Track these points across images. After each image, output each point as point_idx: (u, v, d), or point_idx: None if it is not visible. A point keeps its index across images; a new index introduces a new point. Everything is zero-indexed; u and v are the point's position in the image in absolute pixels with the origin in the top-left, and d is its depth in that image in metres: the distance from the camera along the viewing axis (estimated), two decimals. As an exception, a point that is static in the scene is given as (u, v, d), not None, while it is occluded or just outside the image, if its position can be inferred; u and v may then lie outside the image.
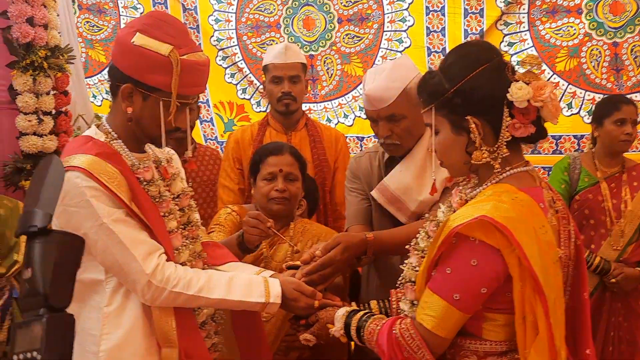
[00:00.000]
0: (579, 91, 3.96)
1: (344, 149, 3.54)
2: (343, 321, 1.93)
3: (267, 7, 4.33)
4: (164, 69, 1.85)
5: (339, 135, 3.58)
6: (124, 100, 1.92)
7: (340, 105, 4.33)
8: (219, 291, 1.95)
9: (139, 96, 1.91)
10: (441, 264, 1.65)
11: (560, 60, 3.97)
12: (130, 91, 1.91)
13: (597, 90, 3.93)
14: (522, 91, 1.62)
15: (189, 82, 1.89)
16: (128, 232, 1.85)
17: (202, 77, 1.96)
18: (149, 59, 1.86)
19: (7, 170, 3.42)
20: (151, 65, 1.86)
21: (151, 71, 1.86)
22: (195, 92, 1.99)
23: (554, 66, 3.98)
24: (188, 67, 1.87)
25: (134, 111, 1.92)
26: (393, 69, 2.35)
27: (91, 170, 1.82)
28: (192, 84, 1.92)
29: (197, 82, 1.95)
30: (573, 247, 1.78)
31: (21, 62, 3.39)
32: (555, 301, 1.59)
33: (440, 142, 1.75)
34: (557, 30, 3.95)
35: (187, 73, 1.87)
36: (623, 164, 3.42)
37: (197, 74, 1.92)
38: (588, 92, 3.95)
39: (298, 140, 3.45)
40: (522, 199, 1.61)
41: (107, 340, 1.89)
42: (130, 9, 4.53)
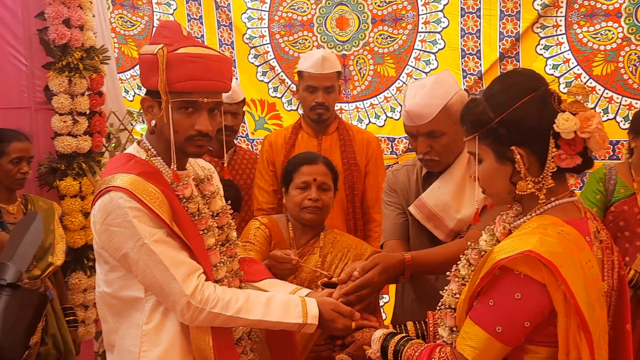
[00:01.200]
0: (616, 96, 3.90)
1: (376, 152, 3.53)
2: (380, 344, 1.94)
3: (301, 6, 4.31)
4: (156, 68, 1.85)
5: (372, 138, 3.57)
6: (145, 114, 1.94)
7: (372, 106, 4.31)
8: (257, 312, 1.96)
9: (157, 106, 1.92)
10: (484, 295, 1.63)
11: (598, 65, 3.91)
12: (149, 103, 1.94)
13: (635, 96, 3.88)
14: (569, 122, 1.59)
15: (182, 75, 1.86)
16: (169, 252, 1.86)
17: (199, 69, 1.89)
18: (147, 63, 1.89)
19: (42, 170, 3.46)
20: (150, 69, 1.88)
21: (151, 74, 1.88)
22: (197, 87, 1.89)
23: (590, 70, 3.93)
24: (179, 60, 1.86)
25: (156, 122, 1.94)
26: (434, 85, 2.32)
27: (133, 190, 1.83)
28: (188, 78, 1.87)
29: (193, 75, 1.88)
30: (616, 277, 1.76)
31: (57, 63, 3.41)
32: (600, 337, 1.58)
33: (484, 171, 1.72)
34: (595, 34, 3.90)
35: (178, 66, 1.85)
36: None
37: (190, 66, 1.87)
38: (625, 97, 3.90)
39: (329, 144, 3.47)
40: (568, 232, 1.59)
41: (145, 358, 1.91)
42: (164, 5, 4.53)
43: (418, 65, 4.17)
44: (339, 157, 3.43)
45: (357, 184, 3.43)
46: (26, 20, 3.42)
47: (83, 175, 3.51)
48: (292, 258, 2.39)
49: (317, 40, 4.31)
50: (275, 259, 2.41)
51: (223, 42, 4.43)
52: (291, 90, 4.41)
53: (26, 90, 3.45)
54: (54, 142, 3.48)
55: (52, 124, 3.46)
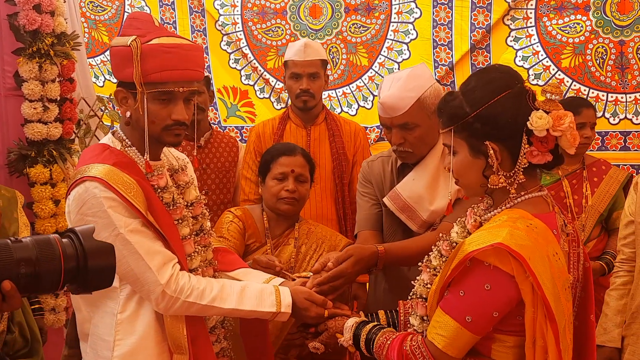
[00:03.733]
0: (583, 88, 3.96)
1: (363, 142, 3.56)
2: (352, 332, 1.97)
3: (274, -6, 4.30)
4: (131, 60, 1.86)
5: (359, 129, 3.60)
6: (120, 105, 1.94)
7: (344, 95, 4.33)
8: (231, 301, 1.98)
9: (131, 97, 1.92)
10: (454, 286, 1.67)
11: (566, 57, 3.96)
12: (123, 95, 1.94)
13: (601, 88, 3.94)
14: (542, 120, 1.63)
15: (157, 66, 1.87)
16: (144, 242, 1.87)
17: (173, 59, 1.90)
18: (120, 55, 1.89)
19: (12, 157, 3.41)
20: (123, 60, 1.88)
21: (124, 66, 1.88)
22: (172, 77, 1.90)
23: (559, 62, 3.98)
24: (153, 51, 1.87)
25: (131, 114, 1.94)
26: (409, 78, 2.35)
27: (108, 180, 1.84)
28: (162, 68, 1.88)
29: (167, 65, 1.89)
30: (581, 269, 1.82)
31: (27, 49, 3.35)
32: (565, 327, 1.63)
33: (458, 163, 1.76)
34: (564, 27, 3.94)
35: (152, 57, 1.87)
36: (583, 161, 3.45)
37: (164, 56, 1.88)
38: (592, 89, 3.95)
39: (317, 134, 3.49)
40: (537, 225, 1.63)
41: (120, 346, 1.92)
42: (135, -10, 4.49)
43: (390, 55, 4.19)
44: (327, 147, 3.47)
45: (345, 173, 3.46)
46: (-5, 5, 3.37)
47: (54, 162, 3.47)
48: (276, 264, 2.40)
49: (290, 29, 4.30)
50: (260, 264, 2.42)
51: (195, 28, 4.41)
52: (264, 78, 4.40)
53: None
54: (24, 129, 3.43)
55: (22, 111, 3.40)
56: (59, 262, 1.09)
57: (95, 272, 1.13)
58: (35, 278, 1.07)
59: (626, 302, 2.79)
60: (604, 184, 3.40)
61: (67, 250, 1.11)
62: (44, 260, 1.08)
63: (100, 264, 1.13)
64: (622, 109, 3.92)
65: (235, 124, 4.49)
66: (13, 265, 1.06)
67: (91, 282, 1.13)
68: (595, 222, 3.35)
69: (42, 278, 1.08)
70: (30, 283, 1.07)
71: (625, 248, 2.84)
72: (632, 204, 2.80)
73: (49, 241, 1.10)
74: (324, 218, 3.38)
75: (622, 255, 2.87)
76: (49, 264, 1.08)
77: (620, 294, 2.83)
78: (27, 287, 1.07)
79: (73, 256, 1.11)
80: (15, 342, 3.06)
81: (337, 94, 4.33)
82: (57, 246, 1.10)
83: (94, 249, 1.13)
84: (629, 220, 2.81)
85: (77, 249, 1.11)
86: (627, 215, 2.83)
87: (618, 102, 3.92)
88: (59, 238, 1.12)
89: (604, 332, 2.77)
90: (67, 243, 1.12)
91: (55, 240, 1.11)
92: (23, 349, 3.09)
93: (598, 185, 3.40)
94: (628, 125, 3.93)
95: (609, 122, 3.95)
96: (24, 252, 1.07)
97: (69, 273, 1.10)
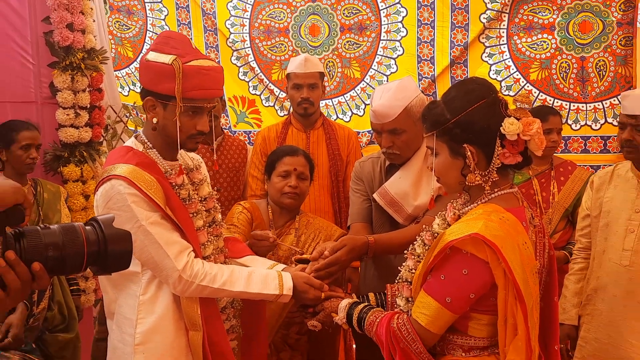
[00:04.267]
0: (549, 98, 3.95)
1: (355, 145, 3.57)
2: (345, 311, 1.97)
3: (278, 15, 4.28)
4: (171, 76, 1.84)
5: (352, 133, 3.60)
6: (148, 112, 1.92)
7: (339, 103, 4.31)
8: (240, 285, 1.97)
9: (160, 107, 1.91)
10: (436, 271, 1.67)
11: (534, 71, 3.95)
12: (152, 104, 1.91)
13: (565, 98, 3.93)
14: (513, 126, 1.63)
15: (195, 85, 1.86)
16: (162, 233, 1.86)
17: (208, 80, 1.90)
18: (157, 70, 1.86)
19: (48, 158, 3.41)
20: (160, 75, 1.85)
21: (161, 81, 1.86)
22: (206, 95, 1.91)
23: (528, 76, 3.97)
24: (192, 72, 1.85)
25: (158, 121, 1.92)
26: (397, 89, 2.34)
27: (132, 178, 1.82)
28: (199, 87, 1.88)
29: (204, 85, 1.89)
30: (547, 257, 1.81)
31: (61, 62, 3.36)
32: (533, 307, 1.62)
33: (439, 164, 1.76)
34: (532, 45, 3.94)
35: (192, 77, 1.85)
36: (552, 162, 3.44)
37: (202, 77, 1.88)
38: (557, 99, 3.94)
39: (316, 137, 3.49)
40: (508, 218, 1.63)
41: (142, 324, 1.91)
42: (156, 11, 4.46)
43: (380, 69, 4.18)
44: (325, 149, 3.47)
45: (340, 171, 3.46)
46: (34, 24, 3.35)
47: (84, 162, 3.47)
48: (269, 236, 2.39)
49: (292, 45, 4.29)
50: (255, 237, 2.41)
51: (209, 45, 4.40)
52: (269, 88, 4.39)
53: (33, 87, 3.39)
54: (58, 133, 3.44)
55: (57, 117, 3.41)
56: (83, 247, 1.09)
57: (114, 255, 1.13)
58: (61, 260, 1.07)
59: (582, 285, 2.79)
60: (570, 183, 3.39)
61: (90, 237, 1.10)
62: (69, 244, 1.08)
63: (119, 249, 1.13)
64: (583, 117, 3.92)
65: (244, 128, 4.48)
66: (42, 249, 1.06)
67: (111, 264, 1.13)
68: (560, 217, 3.35)
69: (67, 260, 1.08)
70: (57, 265, 1.07)
71: (582, 238, 2.84)
72: (588, 199, 2.80)
73: (74, 228, 1.10)
74: (321, 211, 3.38)
75: (579, 245, 2.86)
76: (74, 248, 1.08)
77: (578, 278, 2.83)
78: (54, 268, 1.08)
79: (95, 241, 1.11)
80: (55, 319, 3.08)
81: (333, 102, 4.32)
82: (81, 232, 1.10)
83: (114, 236, 1.12)
84: (586, 214, 2.81)
85: (98, 235, 1.11)
86: (584, 210, 2.83)
87: (579, 110, 3.92)
88: (82, 226, 1.12)
89: (563, 311, 2.76)
90: (90, 230, 1.11)
91: (79, 228, 1.10)
92: (61, 324, 3.11)
93: (564, 183, 3.39)
94: (588, 131, 3.93)
95: (571, 128, 3.94)
96: (51, 238, 1.07)
97: (91, 256, 1.10)
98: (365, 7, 4.15)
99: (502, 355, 1.62)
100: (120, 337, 1.94)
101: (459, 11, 3.98)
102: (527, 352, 1.60)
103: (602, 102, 3.88)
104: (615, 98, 3.84)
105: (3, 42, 3.31)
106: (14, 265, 1.03)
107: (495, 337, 1.66)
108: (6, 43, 3.31)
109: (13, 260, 1.02)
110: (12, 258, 1.02)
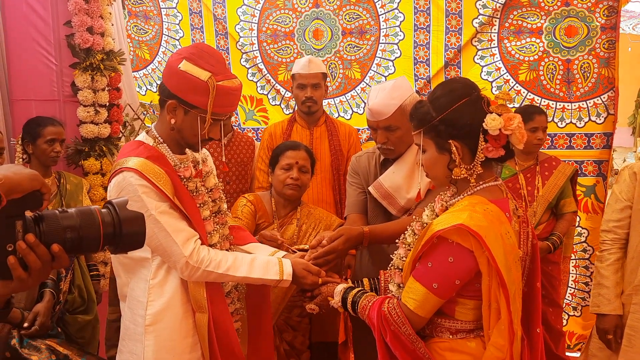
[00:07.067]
0: (537, 98, 3.92)
1: (355, 141, 3.56)
2: (341, 296, 1.95)
3: (284, 20, 4.25)
4: (203, 91, 1.83)
5: (352, 130, 3.59)
6: (168, 113, 1.90)
7: (341, 102, 4.29)
8: (243, 270, 1.96)
9: (182, 111, 1.89)
10: (424, 258, 1.65)
11: (522, 72, 3.92)
12: (174, 106, 1.89)
13: (551, 98, 3.90)
14: (495, 122, 1.60)
15: (223, 103, 1.87)
16: (171, 221, 1.86)
17: (234, 99, 1.93)
18: (191, 82, 1.83)
19: (70, 152, 3.41)
20: (192, 88, 1.84)
21: (192, 92, 1.84)
22: (228, 111, 1.94)
23: (517, 77, 3.94)
24: (223, 92, 1.85)
25: (177, 122, 1.91)
26: (392, 88, 2.32)
27: (142, 170, 1.82)
28: (226, 105, 1.90)
29: (229, 104, 1.92)
30: (530, 245, 1.79)
31: (82, 63, 3.35)
32: (515, 293, 1.61)
33: (427, 159, 1.74)
34: (521, 48, 3.90)
35: (222, 96, 1.85)
36: (537, 158, 3.41)
37: (230, 97, 1.90)
38: (544, 99, 3.91)
39: (319, 134, 3.48)
40: (492, 209, 1.61)
41: (152, 306, 1.91)
42: (172, 16, 4.45)
43: (379, 70, 4.16)
44: (327, 144, 3.46)
45: (341, 165, 3.45)
46: (56, 27, 3.35)
47: (103, 156, 3.47)
48: (278, 238, 2.38)
49: (297, 48, 4.27)
50: (265, 237, 2.40)
51: (220, 48, 4.38)
52: (275, 88, 4.37)
53: (56, 86, 3.38)
54: (79, 129, 3.44)
55: (78, 114, 3.41)
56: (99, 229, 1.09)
57: (128, 236, 1.12)
58: (79, 241, 1.07)
59: (621, 274, 2.65)
60: (553, 177, 3.36)
61: (106, 219, 1.10)
62: (86, 227, 1.07)
63: (133, 230, 1.12)
64: (568, 115, 3.89)
65: (252, 126, 4.47)
66: (60, 232, 1.05)
67: (126, 244, 1.13)
68: (544, 209, 3.32)
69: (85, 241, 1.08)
70: (75, 246, 1.07)
71: (618, 229, 2.67)
72: (628, 191, 2.64)
73: (90, 211, 1.10)
74: (323, 202, 3.38)
75: (613, 235, 2.69)
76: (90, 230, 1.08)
77: (616, 268, 2.66)
78: (72, 249, 1.07)
79: (110, 223, 1.10)
80: (75, 301, 3.08)
81: (335, 101, 4.30)
82: (97, 215, 1.09)
83: (128, 217, 1.12)
84: (625, 205, 2.65)
85: (113, 217, 1.11)
86: (622, 201, 2.66)
87: (565, 109, 3.89)
88: (98, 209, 1.11)
89: (607, 302, 2.62)
90: (105, 212, 1.11)
91: (95, 211, 1.10)
92: (80, 307, 3.11)
93: (548, 178, 3.36)
94: (573, 129, 3.90)
95: (557, 125, 3.91)
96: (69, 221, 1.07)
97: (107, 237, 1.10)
98: (365, 12, 4.13)
99: (487, 338, 1.61)
100: (132, 318, 1.94)
101: (452, 16, 3.95)
102: (509, 335, 1.58)
103: (587, 102, 3.85)
104: (598, 98, 3.80)
105: (28, 45, 3.31)
106: (34, 247, 1.03)
107: (480, 320, 1.65)
108: (31, 45, 3.31)
109: (33, 243, 1.02)
110: (32, 240, 1.03)
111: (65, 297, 3.03)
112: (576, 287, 4.06)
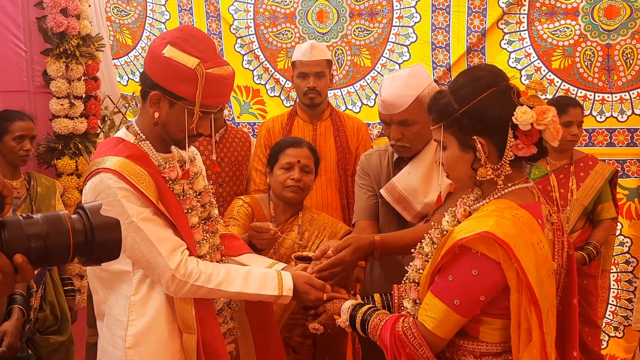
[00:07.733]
0: (572, 88, 3.91)
1: (365, 137, 3.56)
2: (349, 314, 1.95)
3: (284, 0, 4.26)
4: (190, 80, 1.82)
5: (361, 125, 3.59)
6: (151, 106, 1.90)
7: (349, 93, 4.28)
8: (237, 285, 1.95)
9: (166, 103, 1.88)
10: (444, 271, 1.64)
11: (556, 59, 3.91)
12: (158, 98, 1.88)
13: (589, 89, 3.89)
14: (526, 115, 1.59)
15: (212, 93, 1.86)
16: (155, 229, 1.85)
17: (226, 89, 1.92)
18: (176, 70, 1.83)
19: (41, 150, 3.42)
20: (178, 76, 1.83)
21: (178, 81, 1.84)
22: (219, 102, 1.93)
23: (549, 64, 3.92)
24: (212, 80, 1.84)
25: (161, 116, 1.90)
26: (408, 77, 2.31)
27: (122, 172, 1.81)
28: (216, 96, 1.89)
29: (220, 94, 1.91)
30: (565, 256, 1.78)
31: (55, 50, 3.36)
32: (549, 311, 1.59)
33: (448, 158, 1.72)
34: (554, 31, 3.89)
35: (212, 85, 1.84)
36: (571, 157, 3.40)
37: (221, 86, 1.88)
38: (580, 89, 3.90)
39: (323, 129, 3.48)
40: (522, 215, 1.60)
41: (133, 326, 1.90)
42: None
43: (392, 57, 4.15)
44: (332, 141, 3.46)
45: (349, 165, 3.45)
46: (25, 8, 3.35)
47: (79, 154, 3.48)
48: (270, 228, 2.36)
49: (299, 32, 4.26)
50: (255, 229, 2.38)
51: (211, 32, 4.37)
52: (274, 78, 4.37)
53: (26, 75, 3.39)
54: (52, 124, 3.44)
55: (50, 107, 3.42)
56: (68, 237, 1.08)
57: (102, 245, 1.11)
58: (46, 251, 1.06)
59: None
60: (590, 179, 3.35)
61: (76, 226, 1.09)
62: (54, 234, 1.06)
63: (107, 238, 1.11)
64: (608, 108, 3.88)
65: (248, 120, 4.46)
66: (24, 240, 1.04)
67: (99, 255, 1.12)
68: (579, 215, 3.31)
69: (52, 251, 1.07)
70: (41, 256, 1.06)
71: None
72: None
73: (59, 217, 1.09)
74: (328, 206, 3.37)
75: None
76: (59, 238, 1.07)
77: None
78: (38, 260, 1.06)
79: (81, 231, 1.09)
80: (46, 320, 3.08)
81: (342, 92, 4.29)
82: (66, 222, 1.08)
83: (101, 224, 1.11)
84: None
85: (85, 224, 1.10)
86: None
87: (604, 101, 3.88)
88: (68, 214, 1.10)
89: None
90: (76, 219, 1.10)
91: (64, 217, 1.09)
92: (53, 326, 3.11)
93: (584, 179, 3.35)
94: (614, 123, 3.88)
95: (596, 119, 3.90)
96: (34, 228, 1.06)
97: (78, 246, 1.09)
98: (376, -10, 4.13)
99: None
100: (110, 339, 1.93)
101: (476, -6, 3.94)
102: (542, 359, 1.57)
103: (629, 93, 3.83)
104: (643, 88, 3.80)
105: (-6, 29, 3.32)
106: None
107: (508, 342, 1.63)
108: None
109: None
110: None
111: (36, 315, 3.02)
112: (617, 305, 4.03)
